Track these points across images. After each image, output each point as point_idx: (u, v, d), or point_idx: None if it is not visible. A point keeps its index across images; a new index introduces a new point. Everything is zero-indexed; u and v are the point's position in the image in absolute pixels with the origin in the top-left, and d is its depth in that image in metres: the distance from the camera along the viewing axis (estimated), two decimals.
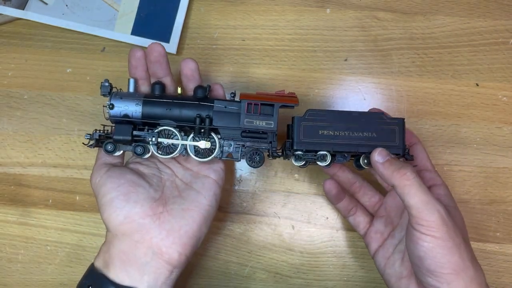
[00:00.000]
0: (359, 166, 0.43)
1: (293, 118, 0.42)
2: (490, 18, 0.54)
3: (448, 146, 0.53)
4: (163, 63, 0.44)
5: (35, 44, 0.54)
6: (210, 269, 0.52)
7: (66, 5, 0.53)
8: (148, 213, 0.39)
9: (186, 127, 0.42)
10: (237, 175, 0.53)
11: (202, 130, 0.42)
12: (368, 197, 0.48)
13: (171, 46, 0.53)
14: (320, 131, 0.42)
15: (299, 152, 0.42)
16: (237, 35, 0.54)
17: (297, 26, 0.54)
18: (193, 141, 0.42)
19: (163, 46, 0.43)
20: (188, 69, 0.44)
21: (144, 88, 0.45)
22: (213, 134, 0.42)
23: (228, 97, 0.45)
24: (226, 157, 0.43)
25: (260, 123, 0.41)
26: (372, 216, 0.48)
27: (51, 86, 0.53)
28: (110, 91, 0.41)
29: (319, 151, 0.42)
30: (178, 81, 0.47)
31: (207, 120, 0.41)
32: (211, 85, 0.44)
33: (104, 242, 0.41)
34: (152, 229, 0.39)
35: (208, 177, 0.44)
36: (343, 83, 0.54)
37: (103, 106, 0.42)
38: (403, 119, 0.43)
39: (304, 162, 0.42)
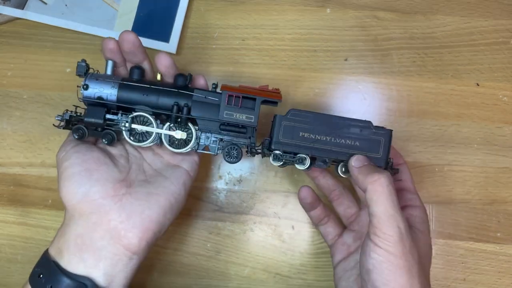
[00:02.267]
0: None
1: (274, 116, 0.40)
2: (491, 18, 0.54)
3: (449, 146, 0.53)
4: (138, 52, 0.41)
5: (34, 44, 0.54)
6: (210, 269, 0.52)
7: (66, 5, 0.53)
8: (109, 193, 0.37)
9: (162, 116, 0.40)
10: (237, 175, 0.53)
11: (179, 120, 0.40)
12: (344, 207, 0.47)
13: (171, 46, 0.52)
14: (301, 133, 0.40)
15: (278, 152, 0.40)
16: (237, 35, 0.54)
17: (297, 26, 0.54)
18: (169, 130, 0.40)
19: (135, 35, 0.40)
20: (163, 66, 0.41)
21: (124, 72, 0.43)
22: (190, 125, 0.40)
23: (210, 88, 0.42)
24: (203, 149, 0.41)
25: (241, 117, 0.39)
26: (343, 227, 0.47)
27: (50, 86, 0.53)
28: (86, 72, 0.39)
29: (298, 153, 0.40)
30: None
31: (185, 109, 0.39)
32: (193, 76, 0.42)
33: (61, 225, 0.39)
34: (112, 211, 0.37)
35: (180, 167, 0.42)
36: (343, 83, 0.53)
37: (77, 87, 0.40)
38: (391, 130, 0.41)
39: (282, 162, 0.40)
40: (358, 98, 0.53)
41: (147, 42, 0.52)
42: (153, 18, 0.53)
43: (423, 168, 0.53)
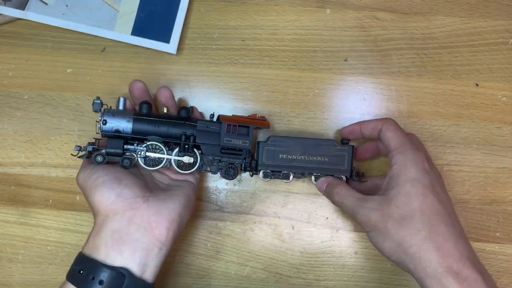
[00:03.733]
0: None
1: (258, 142, 0.48)
2: (490, 18, 0.54)
3: (448, 146, 0.53)
4: (144, 96, 0.49)
5: (35, 44, 0.54)
6: (210, 269, 0.53)
7: (66, 5, 0.53)
8: (138, 195, 0.42)
9: (171, 143, 0.47)
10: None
11: (186, 146, 0.46)
12: None
13: (171, 46, 0.53)
14: (280, 155, 0.48)
15: (268, 171, 0.48)
16: (237, 35, 0.54)
17: (297, 26, 0.54)
18: (178, 156, 0.46)
19: (143, 82, 0.48)
20: (163, 97, 0.48)
21: (132, 107, 0.49)
22: (195, 150, 0.47)
23: (207, 117, 0.51)
24: (205, 170, 0.48)
25: (237, 142, 0.47)
26: None
27: (51, 86, 0.53)
28: (101, 108, 0.45)
29: (281, 171, 0.48)
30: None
31: (192, 138, 0.46)
32: (193, 108, 0.50)
33: (93, 229, 0.42)
34: (142, 208, 0.42)
35: (186, 180, 0.49)
36: (343, 83, 0.54)
37: (96, 122, 0.45)
38: (353, 146, 0.48)
39: (269, 178, 0.48)
40: (358, 98, 0.54)
41: (147, 43, 0.53)
42: (154, 19, 0.53)
43: None
